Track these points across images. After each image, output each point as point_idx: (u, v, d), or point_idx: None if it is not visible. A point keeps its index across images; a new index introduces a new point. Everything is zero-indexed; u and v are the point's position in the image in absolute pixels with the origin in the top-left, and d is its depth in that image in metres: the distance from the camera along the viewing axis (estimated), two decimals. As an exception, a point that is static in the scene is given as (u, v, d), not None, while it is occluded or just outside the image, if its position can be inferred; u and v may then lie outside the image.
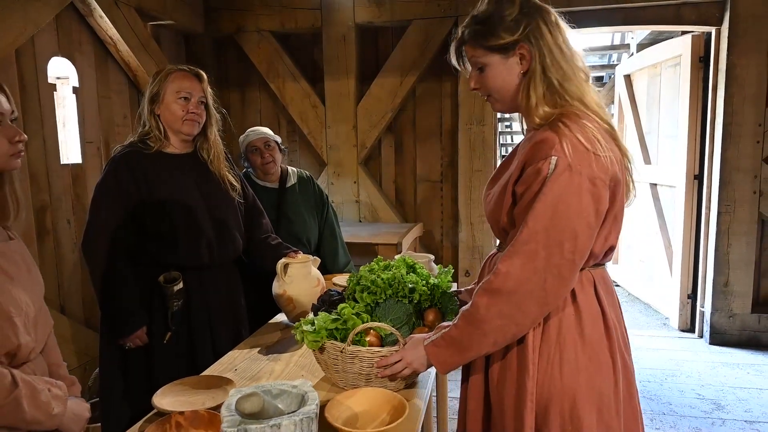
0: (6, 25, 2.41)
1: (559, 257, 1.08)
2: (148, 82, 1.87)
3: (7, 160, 1.13)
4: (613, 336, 1.18)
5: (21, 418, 1.08)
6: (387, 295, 1.44)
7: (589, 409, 1.14)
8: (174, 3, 3.61)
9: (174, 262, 1.80)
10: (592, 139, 1.09)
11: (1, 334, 1.08)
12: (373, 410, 1.25)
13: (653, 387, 3.08)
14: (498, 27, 1.15)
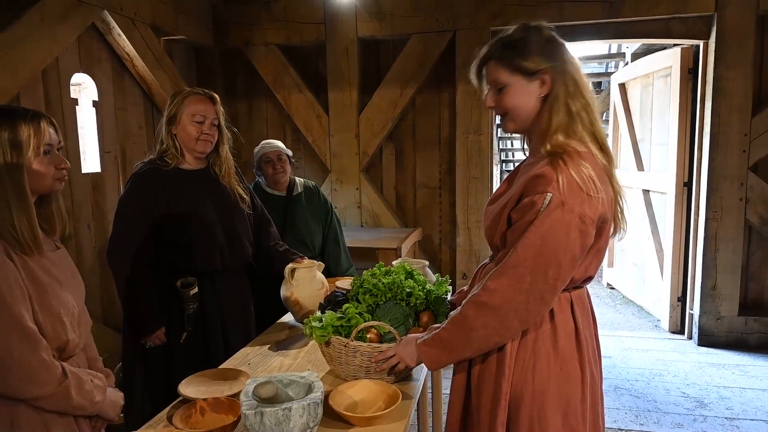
0: (35, 48, 2.60)
1: (542, 282, 1.20)
2: (166, 100, 2.05)
3: (53, 183, 1.30)
4: (584, 351, 1.31)
5: (69, 404, 1.25)
6: (387, 297, 1.61)
7: (555, 413, 1.28)
8: (186, 19, 3.80)
9: (190, 268, 1.97)
10: (587, 180, 1.18)
11: (53, 331, 1.25)
12: (370, 399, 1.42)
13: (640, 385, 3.24)
14: (531, 51, 1.23)
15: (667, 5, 3.56)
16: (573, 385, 1.30)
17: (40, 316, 1.23)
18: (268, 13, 4.10)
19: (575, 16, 3.68)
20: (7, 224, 1.18)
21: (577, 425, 1.30)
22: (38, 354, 1.19)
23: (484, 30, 3.80)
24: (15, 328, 1.16)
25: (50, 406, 1.23)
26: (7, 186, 1.19)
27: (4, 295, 1.16)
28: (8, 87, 2.49)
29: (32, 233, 1.22)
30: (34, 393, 1.19)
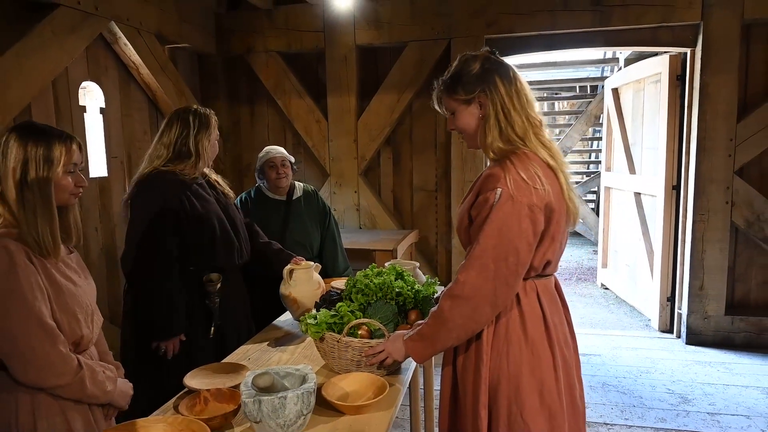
0: (46, 58, 2.73)
1: (505, 268, 1.36)
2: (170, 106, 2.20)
3: (68, 198, 1.44)
4: (553, 335, 1.45)
5: (84, 393, 1.38)
6: (378, 297, 1.73)
7: (530, 393, 1.41)
8: (189, 27, 3.92)
9: (212, 266, 2.11)
10: (532, 176, 1.37)
11: (69, 327, 1.38)
12: (361, 390, 1.54)
13: (627, 382, 3.36)
14: (458, 85, 1.46)
15: (654, 14, 3.67)
16: (545, 367, 1.43)
17: (57, 313, 1.36)
18: (269, 21, 4.22)
19: (567, 25, 3.80)
20: (32, 231, 1.31)
21: (554, 405, 1.43)
22: (57, 348, 1.32)
23: (479, 38, 3.92)
24: (36, 324, 1.29)
25: (67, 395, 1.36)
26: (36, 197, 1.32)
27: (26, 294, 1.28)
28: (22, 96, 2.62)
29: (53, 240, 1.34)
30: (53, 382, 1.32)
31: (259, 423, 1.32)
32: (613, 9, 3.71)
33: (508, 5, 3.83)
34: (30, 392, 1.32)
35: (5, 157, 1.34)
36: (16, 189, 1.33)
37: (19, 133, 1.36)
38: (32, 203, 1.34)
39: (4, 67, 2.52)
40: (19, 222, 1.34)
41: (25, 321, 1.27)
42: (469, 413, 1.47)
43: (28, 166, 1.34)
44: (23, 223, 1.33)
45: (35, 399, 1.33)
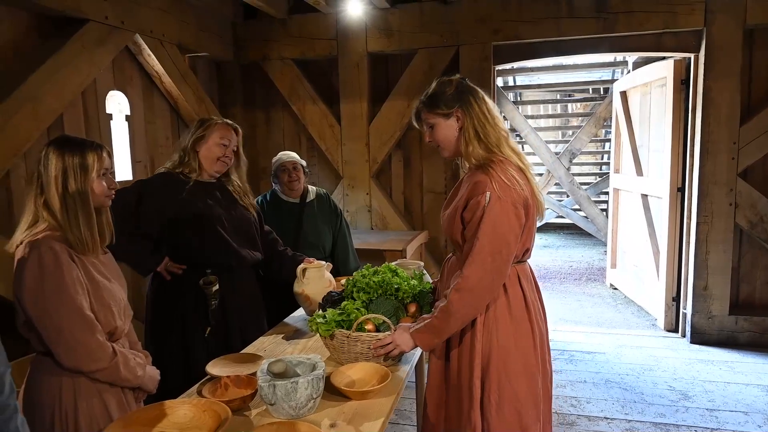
0: (76, 70, 2.93)
1: (500, 260, 1.60)
2: (190, 113, 2.32)
3: (103, 200, 1.60)
4: (531, 311, 1.71)
5: (118, 377, 1.55)
6: (378, 293, 1.88)
7: (515, 361, 1.66)
8: (208, 37, 4.11)
9: (206, 265, 2.22)
10: (510, 178, 1.62)
11: (105, 319, 1.55)
12: (366, 378, 1.69)
13: (630, 379, 3.46)
14: (439, 101, 1.70)
15: (658, 20, 3.76)
16: (526, 338, 1.69)
17: (95, 306, 1.53)
18: (284, 30, 4.39)
19: (573, 32, 3.90)
20: (75, 231, 1.48)
21: (532, 369, 1.69)
22: (95, 336, 1.49)
23: (486, 45, 4.04)
24: (77, 316, 1.46)
25: (103, 378, 1.53)
26: (77, 201, 1.49)
27: (69, 289, 1.45)
28: (55, 106, 2.82)
29: (93, 239, 1.52)
30: (92, 367, 1.49)
31: (274, 405, 1.48)
32: (618, 15, 3.80)
33: (514, 13, 3.95)
34: (72, 376, 1.49)
35: (46, 169, 1.51)
36: (59, 196, 1.50)
37: (56, 146, 1.53)
38: (74, 207, 1.50)
39: (39, 81, 2.71)
40: (62, 225, 1.50)
41: (68, 313, 1.44)
42: (464, 384, 1.69)
43: (67, 174, 1.51)
44: (66, 226, 1.50)
45: (76, 382, 1.50)
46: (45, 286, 1.42)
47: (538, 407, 1.69)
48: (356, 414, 1.52)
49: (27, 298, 1.43)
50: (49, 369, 1.49)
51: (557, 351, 3.95)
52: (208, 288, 2.21)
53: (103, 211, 1.64)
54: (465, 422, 1.68)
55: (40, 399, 1.49)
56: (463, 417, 1.68)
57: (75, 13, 2.89)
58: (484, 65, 4.07)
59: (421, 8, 4.13)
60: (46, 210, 1.51)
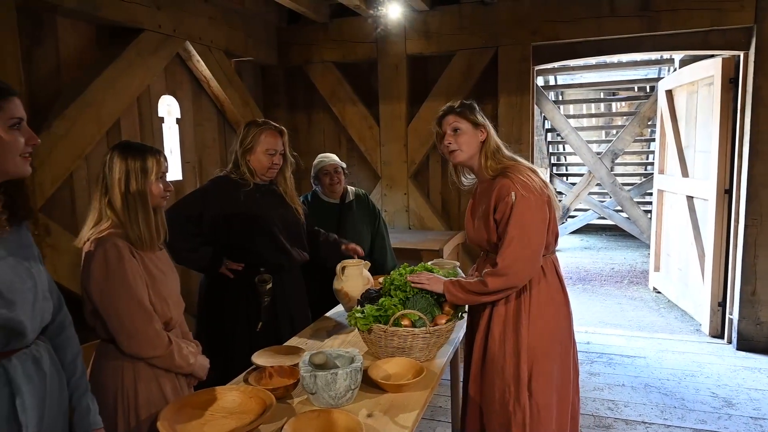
0: (133, 77, 3.12)
1: (530, 249, 1.80)
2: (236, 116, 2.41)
3: (159, 201, 1.70)
4: (566, 294, 1.95)
5: (173, 363, 1.67)
6: (414, 291, 1.95)
7: (556, 345, 1.88)
8: (254, 42, 4.27)
9: (262, 266, 2.37)
10: (527, 178, 1.84)
11: (161, 310, 1.67)
12: (401, 372, 1.77)
13: (670, 384, 3.40)
14: (475, 111, 1.97)
15: (704, 18, 3.67)
16: (565, 321, 1.93)
17: (152, 298, 1.66)
18: (325, 34, 4.51)
19: (614, 31, 3.85)
20: (135, 229, 1.61)
21: (568, 349, 1.92)
22: (152, 325, 1.61)
23: (525, 46, 4.04)
24: (137, 306, 1.59)
25: (159, 364, 1.65)
26: (137, 201, 1.62)
27: (130, 281, 1.58)
28: (114, 111, 3.01)
29: (151, 236, 1.64)
30: (150, 354, 1.62)
31: (314, 394, 1.57)
32: (662, 14, 3.73)
33: (553, 13, 3.93)
34: (132, 361, 1.62)
35: (111, 171, 1.64)
36: (121, 196, 1.63)
37: (120, 150, 1.66)
38: (134, 206, 1.63)
39: (100, 87, 2.91)
40: (123, 223, 1.63)
41: (129, 303, 1.57)
42: (509, 367, 1.85)
43: (129, 176, 1.63)
44: (127, 224, 1.63)
45: (136, 367, 1.63)
46: (109, 279, 1.56)
47: (569, 377, 1.92)
48: (392, 406, 1.60)
49: (93, 290, 1.57)
50: (113, 354, 1.62)
51: (595, 354, 3.91)
52: (262, 286, 2.34)
53: (158, 211, 1.76)
54: (513, 403, 1.83)
55: (104, 381, 1.63)
56: (508, 397, 1.84)
57: (132, 23, 3.08)
58: (523, 66, 4.07)
59: (459, 10, 4.16)
60: (109, 209, 1.64)
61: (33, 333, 1.16)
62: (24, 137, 1.14)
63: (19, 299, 1.10)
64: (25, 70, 2.67)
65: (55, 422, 1.21)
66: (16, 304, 1.09)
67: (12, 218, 1.20)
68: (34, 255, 1.23)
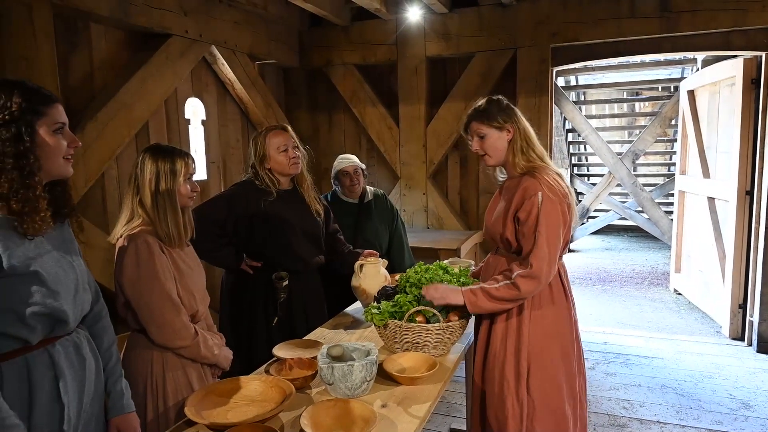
0: (161, 80, 3.25)
1: (554, 251, 1.83)
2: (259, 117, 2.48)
3: (186, 201, 1.80)
4: (569, 298, 1.96)
5: (198, 354, 1.77)
6: (429, 288, 2.01)
7: (556, 346, 1.90)
8: (276, 45, 4.38)
9: (282, 266, 2.47)
10: (553, 181, 1.87)
11: (188, 303, 1.77)
12: (415, 366, 1.84)
13: (687, 386, 3.40)
14: (496, 115, 1.93)
15: (726, 18, 3.65)
16: (566, 324, 1.94)
17: (180, 291, 1.76)
18: (346, 37, 4.60)
19: (634, 32, 3.85)
20: (164, 227, 1.71)
21: (569, 351, 1.93)
22: (180, 317, 1.71)
23: (544, 47, 4.06)
24: (167, 299, 1.69)
25: (186, 354, 1.75)
26: (166, 201, 1.71)
27: (160, 276, 1.68)
28: (143, 114, 3.14)
29: (179, 234, 1.74)
30: (178, 344, 1.72)
31: (332, 385, 1.65)
32: (681, 15, 3.72)
33: (573, 15, 3.95)
34: (161, 351, 1.73)
35: (142, 172, 1.74)
36: (152, 196, 1.73)
37: (151, 152, 1.76)
38: (163, 205, 1.73)
39: (131, 91, 3.04)
40: (153, 221, 1.74)
41: (159, 296, 1.67)
42: (510, 364, 1.89)
43: (159, 177, 1.73)
44: (157, 222, 1.73)
45: (165, 356, 1.73)
46: (140, 273, 1.66)
47: (572, 383, 1.93)
48: (405, 397, 1.67)
49: (126, 283, 1.67)
50: (143, 344, 1.73)
51: (612, 354, 3.92)
52: (279, 283, 2.43)
53: (186, 210, 1.86)
54: (511, 398, 1.87)
55: (134, 370, 1.73)
56: (506, 392, 1.88)
57: (160, 29, 3.21)
58: (542, 68, 4.09)
59: (479, 12, 4.20)
60: (140, 207, 1.75)
61: (74, 321, 1.26)
62: (66, 140, 1.24)
63: (62, 290, 1.20)
64: (61, 75, 2.82)
65: (93, 404, 1.31)
66: (60, 294, 1.19)
67: (56, 215, 1.30)
68: (75, 249, 1.34)
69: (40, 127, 1.19)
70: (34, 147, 1.17)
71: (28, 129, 1.15)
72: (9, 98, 1.14)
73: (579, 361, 1.99)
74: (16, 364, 1.14)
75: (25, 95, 1.16)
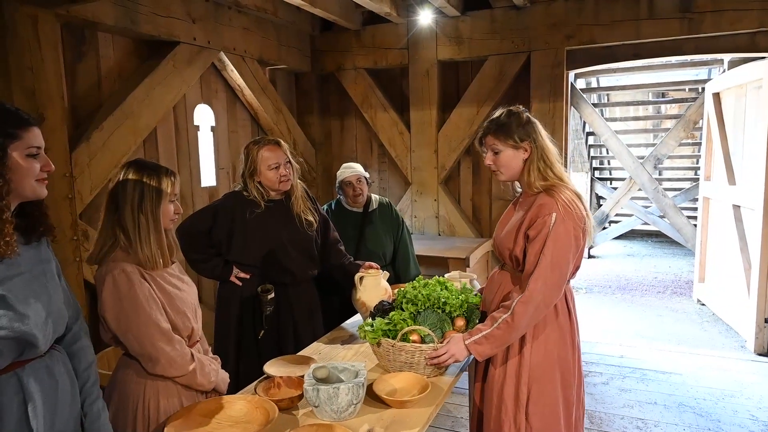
0: (169, 88, 3.25)
1: (559, 276, 1.74)
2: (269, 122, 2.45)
3: (168, 223, 1.67)
4: (573, 324, 1.89)
5: (194, 382, 1.67)
6: (425, 306, 1.95)
7: (557, 372, 1.82)
8: (287, 50, 4.36)
9: (268, 278, 2.43)
10: (571, 202, 1.77)
11: (182, 324, 1.68)
12: (407, 387, 1.78)
13: (707, 405, 3.25)
14: (513, 132, 1.82)
15: (751, 19, 3.48)
16: (569, 350, 1.86)
17: (172, 315, 1.64)
18: (357, 41, 4.56)
19: (653, 34, 3.72)
20: (146, 249, 1.59)
21: (570, 379, 1.85)
22: (174, 346, 1.59)
23: (558, 50, 3.95)
24: (156, 330, 1.57)
25: (183, 382, 1.65)
26: (149, 221, 1.60)
27: (144, 306, 1.56)
28: (150, 122, 3.15)
29: (162, 256, 1.65)
30: (173, 373, 1.62)
31: (318, 407, 1.60)
32: (705, 15, 3.57)
33: (589, 16, 3.83)
34: (155, 378, 1.62)
35: (124, 189, 1.60)
36: (133, 215, 1.59)
37: (135, 168, 1.63)
38: (146, 227, 1.60)
39: (137, 99, 3.05)
40: (132, 243, 1.60)
41: (146, 327, 1.56)
42: (509, 387, 1.83)
43: (144, 196, 1.60)
44: (137, 244, 1.59)
45: (159, 383, 1.63)
46: (123, 306, 1.55)
47: (570, 411, 1.86)
48: (394, 422, 1.61)
49: (109, 318, 1.57)
50: (135, 369, 1.63)
51: (628, 369, 3.79)
52: (264, 296, 2.39)
53: (168, 232, 1.72)
54: (509, 424, 1.81)
55: (125, 392, 1.63)
56: (503, 417, 1.82)
57: (168, 36, 3.21)
58: (557, 71, 3.98)
59: (492, 15, 4.11)
60: (118, 227, 1.61)
61: (45, 344, 1.24)
62: (40, 164, 1.22)
63: (32, 313, 1.18)
64: (68, 83, 2.85)
65: (66, 427, 1.28)
66: (29, 317, 1.17)
67: (32, 235, 1.28)
68: (51, 270, 1.31)
69: (14, 150, 1.17)
70: (5, 170, 1.15)
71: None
72: None
73: (578, 389, 1.91)
74: (-19, 388, 1.13)
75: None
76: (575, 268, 1.84)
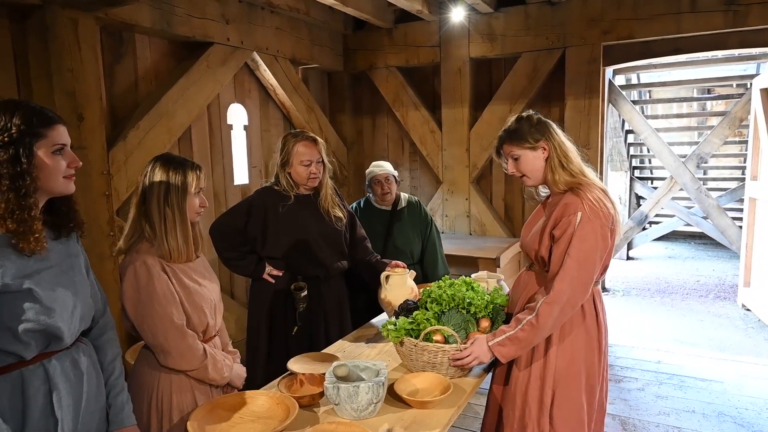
0: (203, 88, 3.32)
1: (586, 276, 1.71)
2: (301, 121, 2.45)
3: (194, 216, 1.71)
4: (602, 328, 1.83)
5: (206, 376, 1.71)
6: (450, 306, 1.93)
7: (582, 376, 1.79)
8: (320, 50, 4.39)
9: (301, 274, 2.45)
10: (598, 200, 1.73)
11: (198, 319, 1.72)
12: (429, 388, 1.76)
13: (749, 415, 3.10)
14: (526, 134, 1.81)
15: (803, 11, 3.30)
16: (595, 354, 1.81)
17: (188, 309, 1.67)
18: (389, 39, 4.55)
19: (694, 28, 3.57)
20: (171, 242, 1.64)
21: (594, 383, 1.82)
22: (186, 340, 1.63)
23: (595, 46, 3.84)
24: (169, 324, 1.61)
25: (195, 376, 1.69)
26: (175, 214, 1.65)
27: (160, 299, 1.61)
28: (184, 121, 3.23)
29: (187, 248, 1.69)
30: (184, 367, 1.66)
31: (338, 405, 1.61)
32: (750, 8, 3.40)
33: (628, 11, 3.71)
34: (169, 372, 1.67)
35: (151, 183, 1.65)
36: (159, 208, 1.64)
37: (162, 162, 1.68)
38: (172, 219, 1.65)
39: (172, 98, 3.13)
40: (157, 235, 1.64)
41: (160, 320, 1.61)
42: (534, 390, 1.80)
43: (170, 189, 1.65)
44: (162, 236, 1.64)
45: (172, 377, 1.67)
46: (140, 297, 1.60)
47: (591, 417, 1.83)
48: (414, 422, 1.60)
49: (127, 307, 1.63)
50: (151, 362, 1.68)
51: (665, 375, 3.65)
52: (298, 293, 2.42)
53: (194, 225, 1.76)
54: (532, 426, 1.79)
55: (141, 385, 1.68)
56: (527, 419, 1.79)
57: (203, 37, 3.29)
58: (593, 67, 3.88)
59: (526, 11, 4.03)
60: (145, 219, 1.66)
61: (71, 337, 1.28)
62: (66, 160, 1.26)
63: (58, 307, 1.22)
64: (107, 85, 2.95)
65: (91, 418, 1.33)
66: (55, 311, 1.21)
67: (62, 231, 1.33)
68: (79, 264, 1.36)
69: (39, 148, 1.21)
70: (32, 168, 1.19)
71: (26, 151, 1.17)
72: (9, 120, 1.17)
73: (601, 394, 1.87)
74: (10, 378, 1.17)
75: (26, 117, 1.19)
76: (603, 268, 1.79)
